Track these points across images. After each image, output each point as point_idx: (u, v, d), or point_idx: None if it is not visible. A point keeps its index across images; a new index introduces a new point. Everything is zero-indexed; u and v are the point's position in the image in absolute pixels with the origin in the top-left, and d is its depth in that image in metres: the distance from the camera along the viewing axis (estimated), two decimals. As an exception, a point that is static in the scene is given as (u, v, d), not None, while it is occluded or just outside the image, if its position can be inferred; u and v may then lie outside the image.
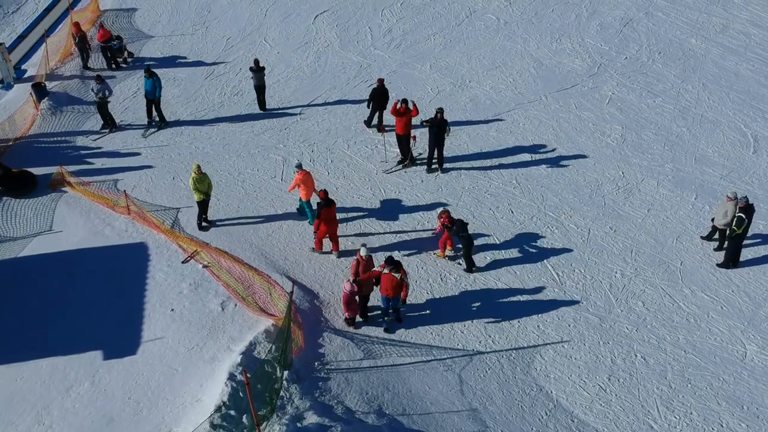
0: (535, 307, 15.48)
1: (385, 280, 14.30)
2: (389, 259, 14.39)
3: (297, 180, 17.08)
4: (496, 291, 15.87)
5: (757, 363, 14.27)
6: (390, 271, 14.20)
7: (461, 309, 15.41)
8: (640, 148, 20.38)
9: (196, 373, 13.70)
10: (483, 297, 15.72)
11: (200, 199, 17.02)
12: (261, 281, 15.66)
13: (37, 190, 18.93)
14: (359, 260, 14.71)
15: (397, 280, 14.25)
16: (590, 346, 14.64)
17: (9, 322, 15.16)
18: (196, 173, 16.72)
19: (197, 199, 17.03)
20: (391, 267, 14.22)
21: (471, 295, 15.78)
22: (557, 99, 22.62)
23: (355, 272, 14.63)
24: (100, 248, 17.00)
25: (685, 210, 18.11)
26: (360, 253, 14.78)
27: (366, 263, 14.71)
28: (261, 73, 22.10)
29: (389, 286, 14.31)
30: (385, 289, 14.40)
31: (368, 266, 14.71)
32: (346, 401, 13.20)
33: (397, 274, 14.20)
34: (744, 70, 23.82)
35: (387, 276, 14.25)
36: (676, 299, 15.68)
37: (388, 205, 18.36)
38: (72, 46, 25.73)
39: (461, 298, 15.68)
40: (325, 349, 14.33)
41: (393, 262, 14.33)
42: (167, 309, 15.26)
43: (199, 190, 16.89)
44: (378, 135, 20.78)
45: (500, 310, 15.43)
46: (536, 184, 19.06)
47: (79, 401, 13.41)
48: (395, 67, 24.60)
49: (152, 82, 21.13)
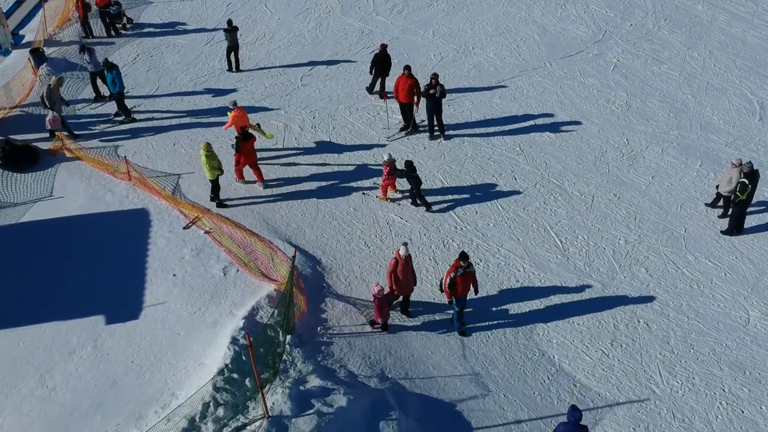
0: (538, 274, 15.43)
1: (463, 281, 13.28)
2: (463, 255, 13.22)
3: (233, 117, 17.74)
4: (499, 258, 15.81)
5: (760, 329, 14.25)
6: (465, 269, 13.21)
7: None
8: (645, 115, 20.18)
9: (198, 338, 13.69)
10: (485, 264, 15.65)
11: (213, 176, 16.72)
12: (263, 247, 15.59)
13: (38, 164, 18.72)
14: (398, 259, 13.51)
15: (473, 275, 13.43)
16: (593, 312, 14.60)
17: (10, 288, 15.11)
18: (207, 151, 16.44)
19: (210, 177, 16.71)
20: (467, 264, 13.23)
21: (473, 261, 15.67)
22: (561, 66, 22.35)
23: (392, 272, 13.60)
24: (101, 214, 16.92)
25: (689, 177, 17.98)
26: (399, 252, 13.51)
27: (405, 263, 13.55)
28: (234, 33, 22.04)
29: (467, 285, 13.39)
30: (464, 289, 13.44)
31: (407, 266, 13.55)
32: (349, 365, 13.21)
33: (471, 269, 13.32)
34: (751, 37, 23.51)
35: (464, 276, 13.25)
36: (680, 266, 15.62)
37: (390, 171, 18.22)
38: (70, 12, 25.41)
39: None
40: (328, 314, 14.31)
41: (467, 258, 13.20)
42: (169, 274, 15.21)
43: (213, 167, 16.57)
44: (380, 101, 20.57)
45: (503, 276, 15.38)
46: (540, 151, 18.91)
47: (82, 365, 13.41)
48: (397, 33, 24.28)
49: (111, 77, 19.71)
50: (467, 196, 17.44)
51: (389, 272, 13.66)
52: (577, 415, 10.68)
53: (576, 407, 10.78)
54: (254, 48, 23.88)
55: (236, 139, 17.16)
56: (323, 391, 12.19)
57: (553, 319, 14.48)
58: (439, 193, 17.57)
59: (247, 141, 17.07)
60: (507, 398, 12.89)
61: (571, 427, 10.75)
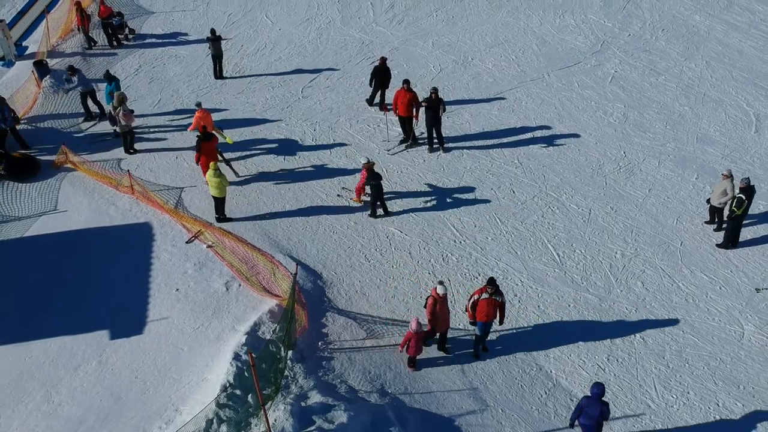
0: (536, 287, 15.65)
1: (486, 305, 13.38)
2: (491, 281, 13.42)
3: (196, 118, 18.47)
4: (497, 271, 16.02)
5: (754, 343, 14.47)
6: (491, 294, 13.34)
7: (462, 288, 15.57)
8: (642, 127, 20.40)
9: (201, 353, 13.92)
10: (484, 278, 15.85)
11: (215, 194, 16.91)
12: (264, 261, 15.82)
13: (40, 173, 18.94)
14: (435, 298, 13.41)
15: (498, 303, 13.51)
16: (590, 326, 14.82)
17: (16, 302, 15.34)
18: (212, 168, 16.64)
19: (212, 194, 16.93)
20: (493, 290, 13.37)
21: (472, 275, 15.93)
22: (560, 77, 22.58)
23: (431, 311, 13.51)
24: (104, 228, 17.14)
25: (686, 190, 18.20)
26: (437, 290, 13.38)
27: (442, 301, 13.50)
28: (218, 42, 22.48)
29: (491, 311, 13.49)
30: (487, 315, 13.50)
31: (444, 304, 13.56)
32: (349, 380, 13.43)
33: (498, 297, 13.45)
34: (748, 47, 23.74)
35: (487, 301, 13.35)
36: (675, 279, 15.84)
37: (390, 185, 18.42)
38: (72, 22, 25.64)
39: (462, 278, 15.84)
40: (329, 329, 14.54)
41: (495, 284, 13.44)
42: (172, 289, 15.44)
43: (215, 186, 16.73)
44: (380, 113, 20.80)
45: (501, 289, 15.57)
46: (538, 164, 19.13)
47: (87, 380, 13.64)
48: (397, 44, 24.52)
49: (109, 88, 20.02)
50: (466, 210, 17.66)
51: (428, 311, 13.56)
52: (599, 390, 11.49)
53: (598, 382, 11.62)
54: (255, 59, 24.12)
55: (198, 139, 17.78)
56: (324, 408, 12.41)
57: (550, 333, 14.69)
58: (438, 206, 17.79)
59: (209, 141, 17.75)
60: (505, 413, 13.11)
61: (594, 400, 11.56)
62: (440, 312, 13.53)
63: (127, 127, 19.29)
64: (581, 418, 11.86)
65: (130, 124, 19.30)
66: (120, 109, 18.89)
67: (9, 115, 19.31)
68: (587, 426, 11.88)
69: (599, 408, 11.61)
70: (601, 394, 11.57)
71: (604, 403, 11.64)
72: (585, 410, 11.76)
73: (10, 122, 19.35)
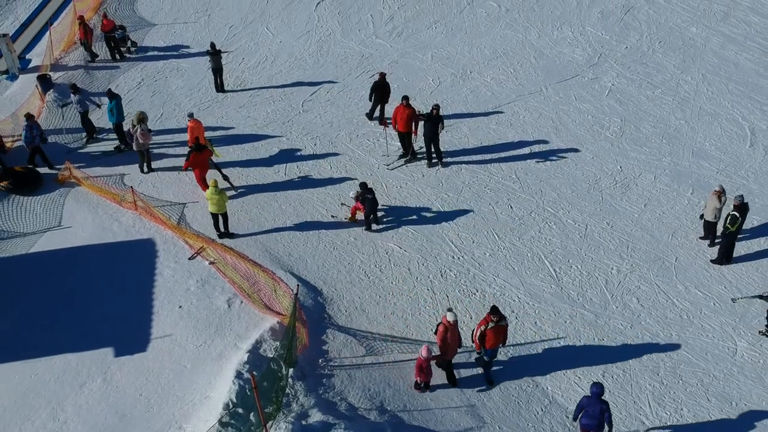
0: (533, 304, 15.91)
1: (494, 334, 13.51)
2: (495, 309, 13.49)
3: (190, 129, 19.01)
4: (495, 288, 16.29)
5: (747, 359, 14.73)
6: (497, 322, 13.47)
7: (460, 305, 15.84)
8: (638, 141, 20.66)
9: (204, 371, 14.19)
10: (482, 294, 16.14)
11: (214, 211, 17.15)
12: (266, 278, 16.09)
13: (43, 187, 19.23)
14: (446, 326, 13.49)
15: (504, 328, 13.70)
16: (585, 343, 15.08)
17: (22, 319, 15.62)
18: (212, 185, 16.84)
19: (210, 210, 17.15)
20: (498, 318, 13.46)
21: (470, 291, 16.19)
22: (557, 90, 22.84)
23: (442, 339, 13.57)
24: (108, 244, 17.42)
25: (681, 205, 18.45)
26: (447, 318, 13.49)
27: (453, 328, 13.60)
28: (218, 56, 22.79)
29: (498, 338, 13.66)
30: (494, 342, 13.66)
31: (454, 332, 13.63)
32: (349, 398, 13.70)
33: (503, 322, 13.61)
34: (743, 60, 23.98)
35: (494, 329, 13.48)
36: (670, 295, 16.10)
37: (390, 200, 18.69)
38: (75, 35, 25.91)
39: (460, 294, 16.10)
40: (329, 346, 14.80)
41: (499, 312, 13.52)
42: (175, 306, 15.71)
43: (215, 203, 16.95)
44: (380, 127, 21.05)
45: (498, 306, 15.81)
46: (535, 179, 19.39)
47: (92, 398, 13.92)
48: (397, 57, 24.78)
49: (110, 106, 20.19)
50: (464, 225, 17.93)
51: (439, 339, 13.63)
52: (598, 390, 12.08)
53: (597, 382, 12.26)
54: (256, 72, 24.39)
55: (189, 149, 18.16)
56: (325, 426, 12.68)
57: (547, 350, 14.95)
58: (437, 221, 18.05)
59: (200, 152, 18.08)
60: (502, 430, 13.36)
61: (594, 399, 12.12)
62: (451, 339, 13.60)
63: (144, 146, 19.33)
64: (583, 418, 12.37)
65: (147, 143, 19.32)
66: (138, 128, 18.97)
67: (37, 133, 19.52)
68: (590, 425, 12.32)
69: (599, 406, 12.11)
70: (601, 393, 12.13)
71: (603, 401, 12.15)
72: (586, 410, 12.26)
73: (38, 140, 19.56)
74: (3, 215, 18.39)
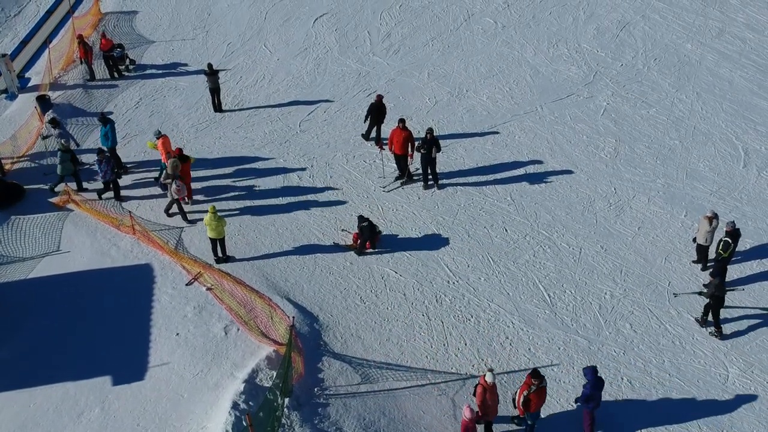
0: (527, 330, 16.06)
1: (537, 397, 13.22)
2: (536, 373, 13.18)
3: (160, 145, 19.60)
4: (489, 313, 16.44)
5: (738, 386, 14.88)
6: (538, 385, 13.12)
7: (454, 331, 16.00)
8: (632, 162, 20.81)
9: (201, 400, 14.35)
10: (476, 320, 16.29)
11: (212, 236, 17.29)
12: (262, 304, 16.24)
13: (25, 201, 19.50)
14: (485, 386, 13.20)
15: (545, 389, 13.37)
16: (579, 370, 15.20)
17: (21, 347, 15.78)
18: (211, 211, 16.95)
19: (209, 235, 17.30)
20: (539, 381, 13.14)
21: (464, 317, 16.35)
22: (553, 110, 22.98)
23: (481, 401, 13.27)
24: (107, 270, 17.57)
25: (674, 228, 18.60)
26: (486, 378, 13.20)
27: (492, 389, 13.29)
28: (215, 76, 22.92)
29: (542, 400, 13.42)
30: (538, 404, 13.40)
31: (494, 392, 13.29)
32: (345, 427, 13.86)
33: (543, 383, 13.25)
34: (738, 77, 24.12)
35: (537, 393, 13.16)
36: (663, 321, 16.25)
37: (386, 223, 18.84)
38: (74, 53, 26.05)
39: (455, 320, 16.26)
40: (324, 374, 14.96)
41: (539, 375, 13.22)
42: (173, 333, 15.87)
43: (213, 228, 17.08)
44: (376, 149, 21.19)
45: (492, 332, 16.01)
46: (530, 201, 19.53)
47: (90, 427, 14.09)
48: (393, 75, 24.92)
49: (104, 130, 19.95)
50: (459, 249, 18.08)
51: (479, 400, 13.33)
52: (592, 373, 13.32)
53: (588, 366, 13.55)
54: (254, 91, 24.53)
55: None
56: (320, 458, 12.85)
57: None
58: (432, 245, 18.20)
59: (185, 162, 18.90)
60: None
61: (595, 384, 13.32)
62: (490, 400, 13.31)
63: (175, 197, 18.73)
64: (590, 405, 13.43)
65: (176, 196, 18.61)
66: (174, 184, 18.31)
67: (107, 168, 18.92)
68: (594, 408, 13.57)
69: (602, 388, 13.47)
70: (595, 371, 13.41)
71: (600, 379, 13.49)
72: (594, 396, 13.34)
73: (109, 176, 19.12)
74: (2, 240, 18.53)
